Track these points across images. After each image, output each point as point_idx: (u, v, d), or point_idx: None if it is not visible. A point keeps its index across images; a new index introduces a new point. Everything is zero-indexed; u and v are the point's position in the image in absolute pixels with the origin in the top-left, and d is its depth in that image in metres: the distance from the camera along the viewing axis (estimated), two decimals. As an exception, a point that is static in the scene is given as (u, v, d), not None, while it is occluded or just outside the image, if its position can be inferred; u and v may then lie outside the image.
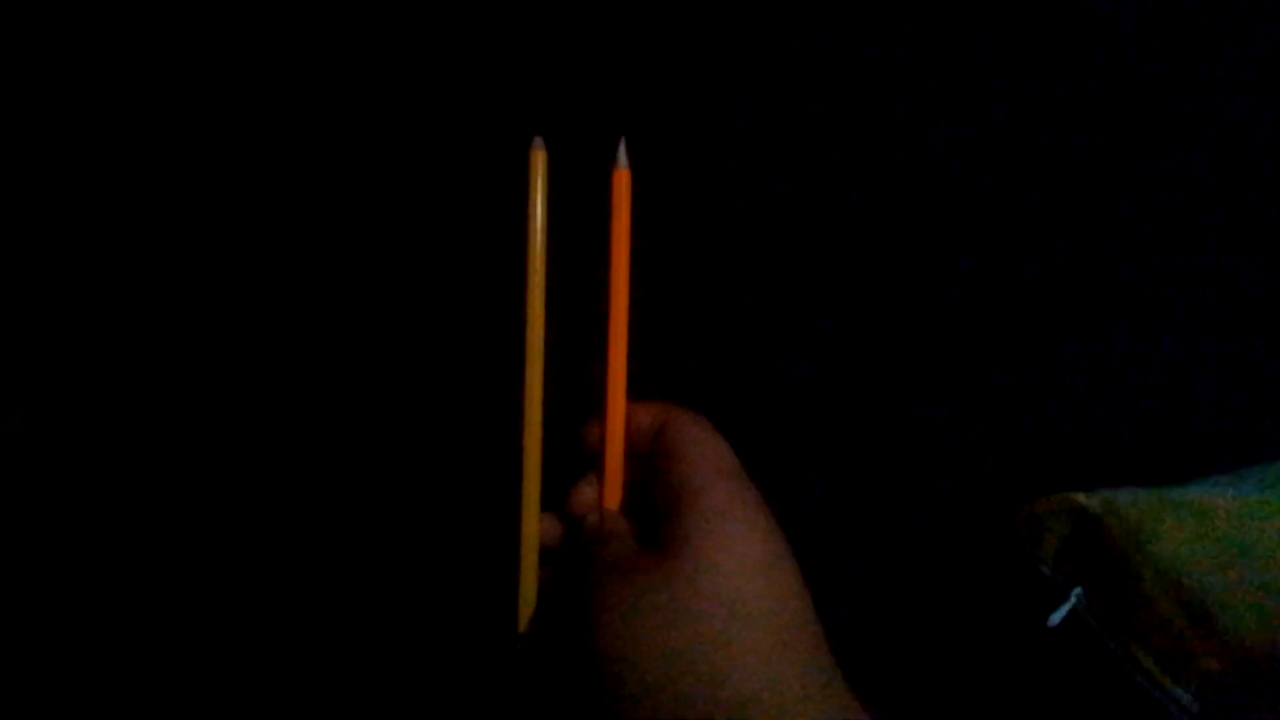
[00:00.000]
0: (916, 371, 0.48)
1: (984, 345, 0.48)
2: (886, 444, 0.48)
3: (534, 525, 0.38)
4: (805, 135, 0.46)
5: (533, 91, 0.46)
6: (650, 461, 0.36)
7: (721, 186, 0.47)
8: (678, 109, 0.46)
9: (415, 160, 0.46)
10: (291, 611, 0.47)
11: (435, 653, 0.47)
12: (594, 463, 0.39)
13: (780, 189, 0.47)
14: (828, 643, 0.33)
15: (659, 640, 0.31)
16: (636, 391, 0.38)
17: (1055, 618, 0.43)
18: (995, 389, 0.48)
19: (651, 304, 0.38)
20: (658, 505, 0.35)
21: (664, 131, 0.46)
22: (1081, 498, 0.43)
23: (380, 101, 0.46)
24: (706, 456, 0.35)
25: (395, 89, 0.46)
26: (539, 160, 0.37)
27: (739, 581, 0.32)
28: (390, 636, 0.47)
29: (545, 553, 0.39)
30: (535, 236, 0.37)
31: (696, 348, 0.47)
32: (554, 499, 0.39)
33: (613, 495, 0.38)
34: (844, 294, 0.47)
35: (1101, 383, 0.48)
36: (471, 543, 0.46)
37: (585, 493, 0.38)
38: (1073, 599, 0.43)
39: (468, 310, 0.46)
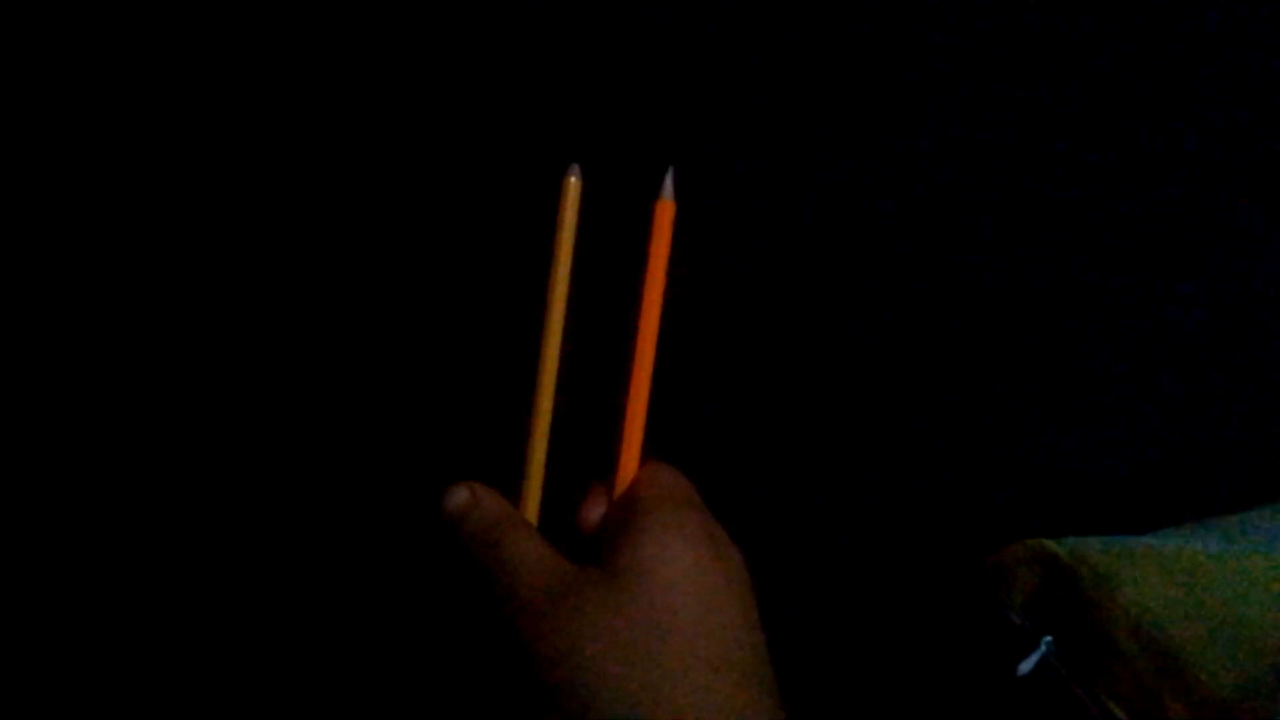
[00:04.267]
0: (890, 420, 0.48)
1: (956, 395, 0.48)
2: (858, 492, 0.48)
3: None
4: (833, 172, 0.47)
5: (577, 114, 0.46)
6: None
7: (741, 217, 0.47)
8: (712, 140, 0.47)
9: (455, 172, 0.47)
10: (289, 610, 0.47)
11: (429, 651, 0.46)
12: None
13: (792, 223, 0.47)
14: (772, 670, 0.32)
15: (592, 654, 0.30)
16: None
17: (1025, 666, 0.43)
18: (966, 438, 0.48)
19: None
20: (607, 529, 0.35)
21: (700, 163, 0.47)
22: (1052, 545, 0.43)
23: (426, 116, 0.46)
24: (659, 485, 0.36)
25: (443, 104, 0.46)
26: (572, 188, 0.37)
27: (675, 598, 0.31)
28: (388, 636, 0.47)
29: None
30: (561, 264, 0.37)
31: (692, 387, 0.47)
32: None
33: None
34: (827, 346, 0.48)
35: (1070, 434, 0.49)
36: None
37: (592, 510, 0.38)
38: (1043, 647, 0.42)
39: (492, 323, 0.47)
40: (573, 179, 0.37)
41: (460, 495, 0.37)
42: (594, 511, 0.37)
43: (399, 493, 0.47)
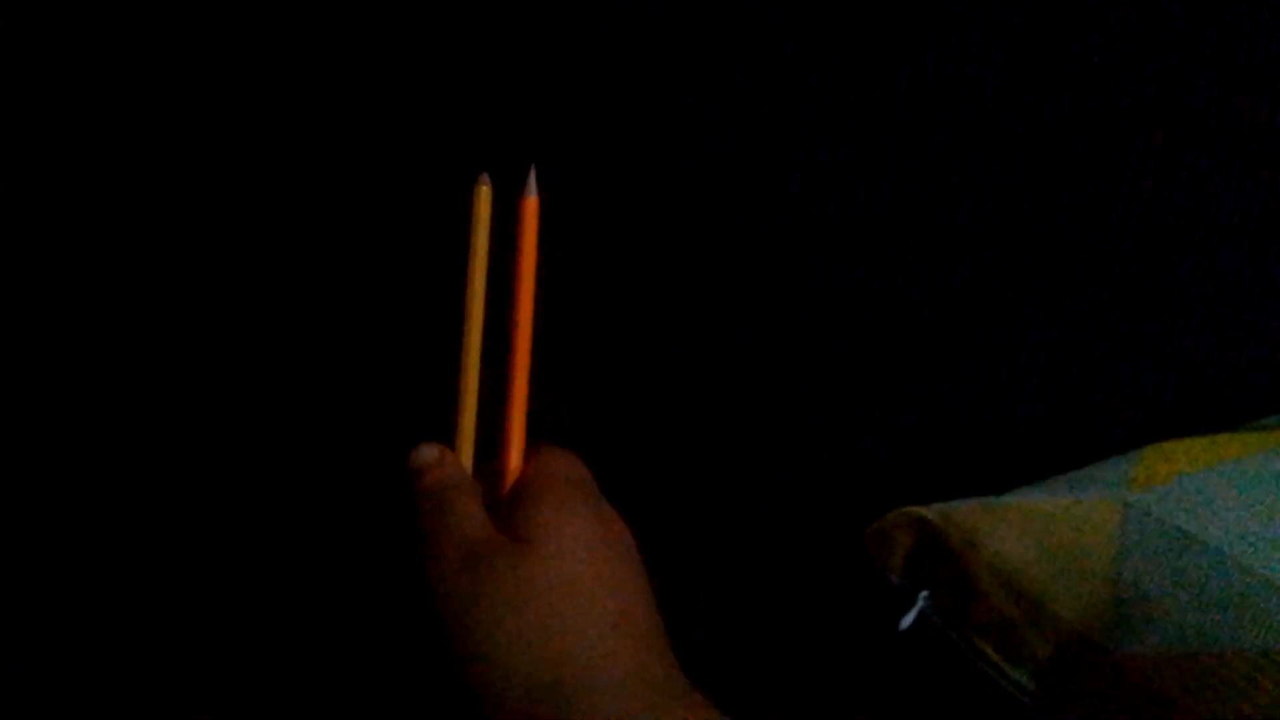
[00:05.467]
0: (770, 401, 0.52)
1: (830, 381, 0.52)
2: (745, 474, 0.52)
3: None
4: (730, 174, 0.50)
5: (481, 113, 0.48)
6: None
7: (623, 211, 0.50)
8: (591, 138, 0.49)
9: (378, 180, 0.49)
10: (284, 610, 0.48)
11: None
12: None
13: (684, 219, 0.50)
14: (664, 631, 0.35)
15: (506, 621, 0.33)
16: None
17: (906, 621, 0.47)
18: (840, 421, 0.52)
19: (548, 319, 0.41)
20: (503, 507, 0.38)
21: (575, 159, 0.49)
22: (923, 510, 0.48)
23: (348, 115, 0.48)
24: (558, 465, 0.39)
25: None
26: (484, 196, 0.40)
27: (574, 565, 0.35)
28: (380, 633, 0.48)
29: None
30: (477, 267, 0.40)
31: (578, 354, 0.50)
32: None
33: None
34: (716, 310, 0.51)
35: (934, 409, 0.53)
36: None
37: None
38: (920, 602, 0.47)
39: (412, 322, 0.49)
40: (484, 187, 0.40)
41: (429, 452, 0.39)
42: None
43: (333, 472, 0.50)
